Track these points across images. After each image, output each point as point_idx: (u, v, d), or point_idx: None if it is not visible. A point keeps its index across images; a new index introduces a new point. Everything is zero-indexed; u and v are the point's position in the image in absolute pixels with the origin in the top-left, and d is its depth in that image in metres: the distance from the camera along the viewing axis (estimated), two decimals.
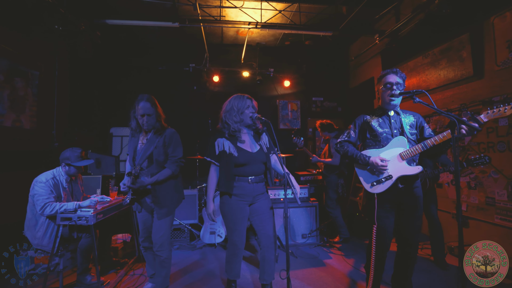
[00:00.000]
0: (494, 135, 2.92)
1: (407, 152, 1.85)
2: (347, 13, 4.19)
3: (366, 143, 2.05)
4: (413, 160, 1.91)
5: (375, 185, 1.93)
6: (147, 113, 2.13)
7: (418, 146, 1.82)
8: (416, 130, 1.98)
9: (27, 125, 3.26)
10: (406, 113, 2.02)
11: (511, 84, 2.76)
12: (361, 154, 1.98)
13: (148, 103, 2.14)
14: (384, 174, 1.91)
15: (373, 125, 1.99)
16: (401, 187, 1.91)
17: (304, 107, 5.85)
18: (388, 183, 1.89)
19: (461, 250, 1.49)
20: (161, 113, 2.24)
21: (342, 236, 3.58)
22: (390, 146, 1.93)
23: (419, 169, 1.85)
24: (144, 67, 5.21)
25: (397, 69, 1.96)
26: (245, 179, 2.08)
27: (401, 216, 1.95)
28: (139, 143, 2.23)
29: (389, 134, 1.95)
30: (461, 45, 3.25)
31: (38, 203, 2.25)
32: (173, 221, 2.33)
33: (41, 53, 3.49)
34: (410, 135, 1.93)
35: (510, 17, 2.78)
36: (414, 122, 1.99)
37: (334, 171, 3.62)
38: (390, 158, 1.90)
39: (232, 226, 2.10)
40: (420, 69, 3.90)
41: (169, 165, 2.19)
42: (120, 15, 3.99)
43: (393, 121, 1.97)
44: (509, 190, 2.79)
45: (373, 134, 1.99)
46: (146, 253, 2.39)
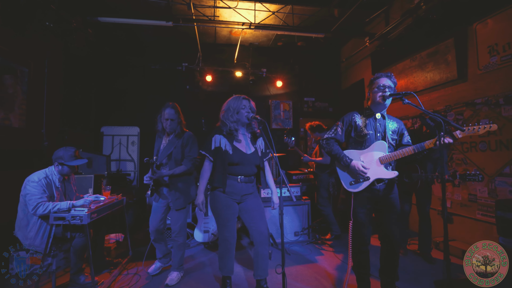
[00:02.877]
0: (476, 136, 3.07)
1: (386, 157, 1.97)
2: (338, 15, 4.29)
3: (349, 141, 2.12)
4: (390, 164, 2.02)
5: (353, 184, 2.05)
6: (171, 118, 2.52)
7: (395, 153, 1.94)
8: (396, 136, 2.09)
9: (16, 124, 3.19)
10: (391, 119, 2.11)
11: (493, 87, 2.92)
12: (344, 156, 2.05)
13: (172, 110, 2.54)
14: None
15: (359, 125, 2.06)
16: (377, 187, 2.01)
17: (296, 107, 5.94)
18: (365, 184, 2.01)
19: (446, 245, 1.58)
20: (182, 119, 2.63)
21: (334, 233, 3.67)
22: (371, 149, 2.02)
23: (394, 174, 1.99)
24: (138, 65, 5.17)
25: (391, 73, 2.03)
26: (235, 178, 2.15)
27: (380, 213, 2.07)
28: (162, 143, 2.63)
29: (373, 136, 2.04)
30: (447, 49, 3.39)
31: (31, 203, 2.22)
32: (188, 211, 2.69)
33: (33, 50, 3.41)
34: (391, 140, 2.04)
35: (491, 24, 2.93)
36: (396, 128, 2.09)
37: (325, 170, 3.71)
38: (370, 161, 2.01)
39: (223, 222, 2.15)
40: (408, 71, 4.04)
41: (185, 163, 2.55)
42: (114, 13, 3.95)
43: (379, 124, 2.05)
44: (489, 187, 2.95)
45: (358, 134, 2.06)
46: (155, 243, 2.71)
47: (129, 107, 5.11)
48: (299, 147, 5.81)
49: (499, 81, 2.85)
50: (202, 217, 3.62)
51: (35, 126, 3.44)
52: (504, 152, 2.81)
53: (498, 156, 2.86)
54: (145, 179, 2.52)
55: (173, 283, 2.52)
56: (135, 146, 5.04)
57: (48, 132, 3.57)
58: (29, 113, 3.35)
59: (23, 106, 3.28)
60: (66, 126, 4.01)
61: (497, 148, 2.87)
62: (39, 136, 3.48)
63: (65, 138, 3.87)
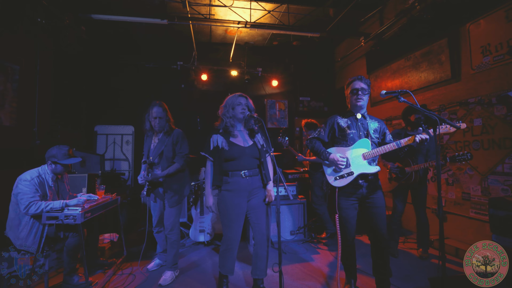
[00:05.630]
0: (470, 135, 3.12)
1: (369, 153, 2.08)
2: (334, 15, 4.31)
3: (335, 140, 2.24)
4: (373, 160, 2.13)
5: (338, 179, 2.13)
6: (159, 116, 2.53)
7: (378, 149, 2.06)
8: (379, 134, 2.20)
9: (6, 122, 3.12)
10: (372, 118, 2.24)
11: (485, 87, 2.96)
12: (324, 151, 2.18)
13: (160, 108, 2.55)
14: (347, 171, 2.10)
15: (342, 126, 2.19)
16: (361, 182, 2.10)
17: (291, 107, 5.95)
18: (349, 179, 2.10)
19: (441, 242, 1.60)
20: (170, 117, 2.64)
21: (329, 232, 3.68)
22: (355, 146, 2.13)
23: (377, 169, 2.09)
24: (132, 64, 5.11)
25: (362, 76, 2.17)
26: (239, 174, 2.13)
27: (365, 209, 2.15)
28: (152, 143, 2.65)
29: (356, 135, 2.15)
30: (440, 49, 3.44)
31: (22, 202, 2.17)
32: (181, 209, 2.70)
33: (23, 47, 3.34)
34: (374, 138, 2.16)
35: (483, 24, 2.98)
36: (378, 127, 2.21)
37: (319, 169, 3.72)
38: (354, 158, 2.11)
39: (227, 222, 2.14)
40: (402, 71, 4.08)
41: (177, 160, 2.59)
42: (107, 10, 3.89)
43: (360, 124, 2.17)
44: (482, 185, 2.99)
45: (342, 134, 2.19)
46: (158, 235, 2.81)
47: (124, 106, 5.04)
48: (294, 146, 5.82)
49: (491, 81, 2.90)
50: (197, 217, 3.60)
51: (26, 124, 3.37)
52: (496, 150, 2.85)
53: (491, 155, 2.90)
54: (140, 179, 2.55)
55: (167, 283, 2.50)
56: (130, 145, 4.98)
57: (39, 131, 3.50)
58: (20, 111, 3.28)
59: (13, 104, 3.21)
60: (58, 125, 3.94)
61: (489, 147, 2.92)
62: (30, 135, 3.42)
63: (58, 137, 3.80)
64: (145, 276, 2.67)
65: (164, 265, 2.78)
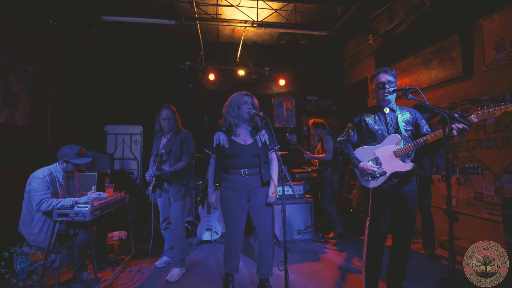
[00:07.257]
0: (482, 133, 3.02)
1: (401, 150, 1.91)
2: (342, 13, 4.26)
3: (363, 139, 2.13)
4: (408, 156, 1.97)
5: (370, 180, 2.00)
6: (168, 117, 2.72)
7: (410, 144, 1.89)
8: (411, 126, 2.01)
9: (20, 122, 3.22)
10: (402, 109, 2.06)
11: (499, 84, 2.87)
12: (354, 157, 2.06)
13: (169, 110, 2.74)
14: (379, 170, 1.97)
15: (369, 123, 2.05)
16: (395, 181, 1.97)
17: (299, 106, 5.91)
18: (382, 179, 1.96)
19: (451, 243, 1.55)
20: (178, 118, 2.83)
21: (337, 232, 3.65)
22: (385, 143, 1.99)
23: (411, 166, 1.92)
24: (141, 64, 5.18)
25: (387, 67, 2.02)
26: (238, 172, 2.14)
27: (397, 208, 2.01)
28: (161, 142, 2.81)
29: (385, 131, 2.00)
30: (452, 45, 3.35)
31: (35, 199, 2.23)
32: (186, 205, 2.80)
33: (37, 49, 3.44)
34: (405, 132, 1.98)
35: (497, 19, 2.88)
36: (410, 118, 2.01)
37: (328, 166, 3.68)
38: (384, 156, 1.97)
39: (229, 220, 2.15)
40: (412, 68, 4.00)
41: (184, 158, 2.74)
42: (117, 11, 3.96)
43: (389, 118, 2.01)
44: (496, 185, 2.90)
45: (369, 131, 2.05)
46: (165, 232, 2.88)
47: (132, 106, 5.13)
48: (302, 145, 5.78)
49: (505, 77, 2.81)
50: (204, 215, 3.62)
51: (39, 124, 3.46)
52: (510, 149, 2.76)
53: (505, 154, 2.81)
54: (147, 176, 2.64)
55: (174, 279, 2.53)
56: (138, 145, 5.06)
57: (52, 131, 3.59)
58: (34, 112, 3.38)
59: (27, 104, 3.30)
60: (69, 125, 4.04)
61: (503, 145, 2.82)
62: (43, 134, 3.51)
63: (69, 137, 3.89)
64: (153, 273, 2.71)
65: (172, 263, 2.82)
